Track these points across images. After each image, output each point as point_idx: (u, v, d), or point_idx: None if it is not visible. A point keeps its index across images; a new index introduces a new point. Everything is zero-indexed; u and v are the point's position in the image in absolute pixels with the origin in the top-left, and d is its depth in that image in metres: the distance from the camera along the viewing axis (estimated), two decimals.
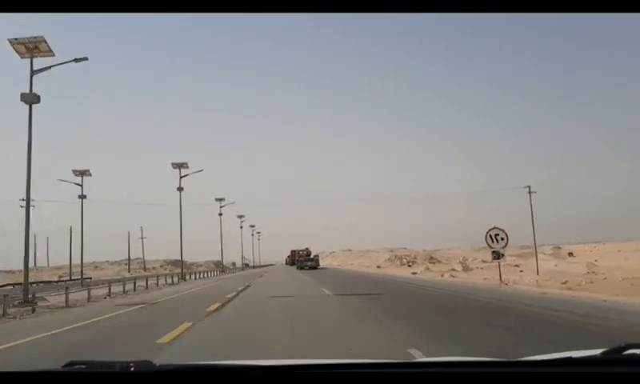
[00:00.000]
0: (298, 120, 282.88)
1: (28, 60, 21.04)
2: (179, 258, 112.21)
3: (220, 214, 71.17)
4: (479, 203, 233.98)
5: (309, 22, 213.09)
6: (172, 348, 8.22)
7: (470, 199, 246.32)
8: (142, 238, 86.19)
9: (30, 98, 20.79)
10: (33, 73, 21.03)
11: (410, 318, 11.31)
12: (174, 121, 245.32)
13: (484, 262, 59.56)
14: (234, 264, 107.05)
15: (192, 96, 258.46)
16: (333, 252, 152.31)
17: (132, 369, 1.62)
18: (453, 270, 44.94)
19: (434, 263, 62.49)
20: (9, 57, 21.37)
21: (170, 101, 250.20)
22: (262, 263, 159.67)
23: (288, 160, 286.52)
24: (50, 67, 21.54)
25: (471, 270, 45.80)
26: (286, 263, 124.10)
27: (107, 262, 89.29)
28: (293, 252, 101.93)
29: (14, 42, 20.72)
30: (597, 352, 1.85)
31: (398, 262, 66.94)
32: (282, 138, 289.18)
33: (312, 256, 73.81)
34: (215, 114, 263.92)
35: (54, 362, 2.87)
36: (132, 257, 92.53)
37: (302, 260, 70.05)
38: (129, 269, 78.44)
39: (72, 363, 1.72)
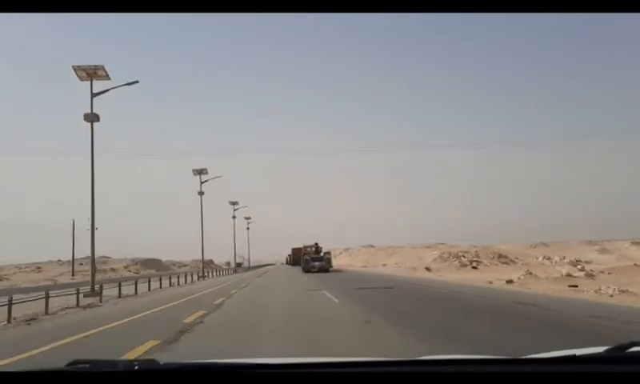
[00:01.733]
0: (298, 119, 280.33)
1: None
2: (153, 257, 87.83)
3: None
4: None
5: (309, 21, 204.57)
6: None
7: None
8: (92, 229, 64.79)
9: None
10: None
11: None
12: (174, 121, 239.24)
13: (583, 263, 41.00)
14: (228, 264, 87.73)
15: (192, 95, 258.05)
16: (349, 249, 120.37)
17: (136, 367, 1.59)
18: (568, 275, 27.02)
19: (506, 264, 43.69)
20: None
21: (169, 100, 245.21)
22: (261, 263, 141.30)
23: (290, 158, 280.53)
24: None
25: (594, 276, 27.93)
26: (287, 262, 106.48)
27: (59, 261, 70.51)
28: (295, 250, 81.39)
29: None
30: (600, 350, 1.77)
31: (457, 262, 45.06)
32: (282, 137, 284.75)
33: (322, 254, 53.18)
34: (215, 113, 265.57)
35: None
36: (94, 254, 74.51)
37: (309, 259, 50.04)
38: (72, 271, 60.30)
39: (76, 362, 1.68)
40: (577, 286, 20.57)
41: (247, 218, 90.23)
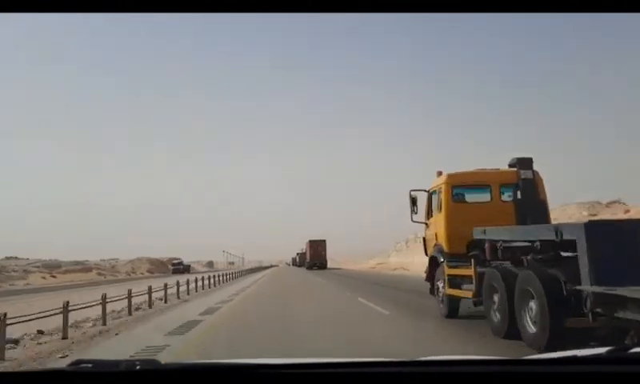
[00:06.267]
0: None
1: None
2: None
3: None
4: None
5: (310, 21, 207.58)
6: None
7: None
8: None
9: None
10: None
11: None
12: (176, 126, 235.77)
13: None
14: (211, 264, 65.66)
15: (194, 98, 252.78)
16: None
17: (138, 367, 1.60)
18: None
19: None
20: None
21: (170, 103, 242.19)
22: (263, 264, 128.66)
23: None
24: None
25: None
26: (294, 263, 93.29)
27: None
28: (313, 243, 62.56)
29: None
30: (602, 350, 1.75)
31: None
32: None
33: None
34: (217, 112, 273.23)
35: None
36: None
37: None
38: None
39: (78, 362, 1.68)
40: None
41: None
